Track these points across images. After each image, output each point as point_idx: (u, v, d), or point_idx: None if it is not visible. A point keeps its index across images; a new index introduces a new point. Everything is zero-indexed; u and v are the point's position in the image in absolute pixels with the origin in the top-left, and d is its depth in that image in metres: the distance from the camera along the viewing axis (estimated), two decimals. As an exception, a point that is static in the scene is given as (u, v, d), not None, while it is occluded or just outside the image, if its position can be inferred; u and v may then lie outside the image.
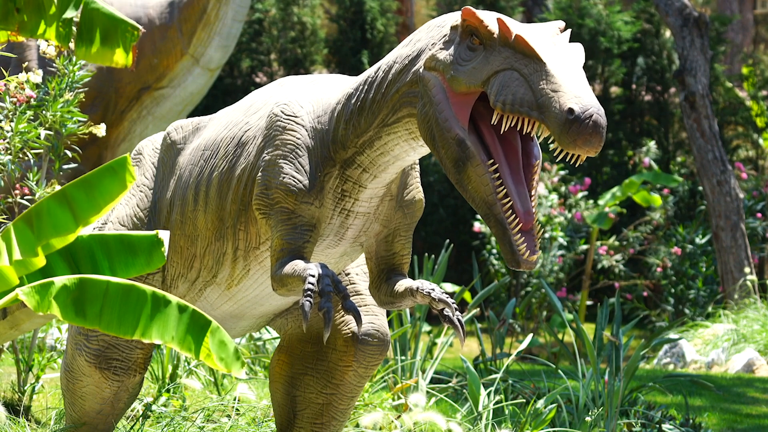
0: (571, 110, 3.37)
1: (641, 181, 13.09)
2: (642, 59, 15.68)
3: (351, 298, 3.84)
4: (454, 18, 3.75)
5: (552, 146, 3.48)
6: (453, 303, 3.95)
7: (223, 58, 9.94)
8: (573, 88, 3.42)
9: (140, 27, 4.35)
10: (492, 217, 3.60)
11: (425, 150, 3.90)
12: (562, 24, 3.70)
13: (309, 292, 3.73)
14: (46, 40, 5.48)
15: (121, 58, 4.36)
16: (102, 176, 3.66)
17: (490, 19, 3.60)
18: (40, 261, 3.62)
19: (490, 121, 3.63)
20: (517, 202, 3.60)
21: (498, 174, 3.60)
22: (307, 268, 3.80)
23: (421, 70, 3.75)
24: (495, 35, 3.57)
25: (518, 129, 3.54)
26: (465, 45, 3.65)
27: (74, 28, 4.34)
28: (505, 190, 3.59)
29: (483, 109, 3.65)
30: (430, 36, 3.79)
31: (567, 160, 3.51)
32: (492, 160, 3.61)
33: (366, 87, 3.92)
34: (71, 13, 4.22)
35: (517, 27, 3.57)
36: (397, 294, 4.08)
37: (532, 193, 3.65)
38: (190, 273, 4.41)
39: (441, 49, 3.71)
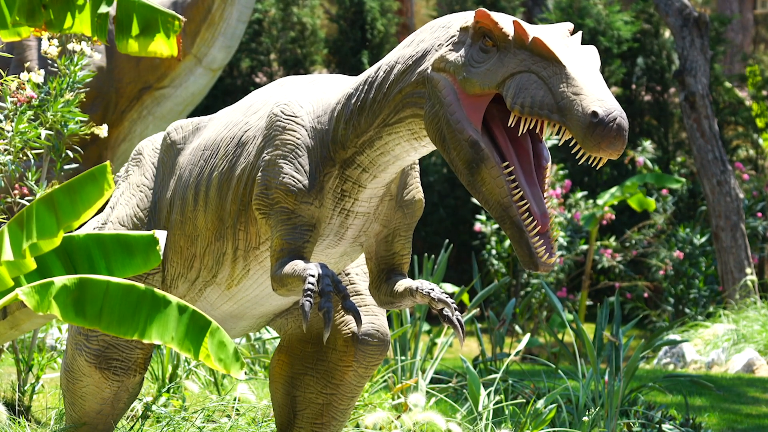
0: (594, 113, 3.36)
1: (642, 182, 13.06)
2: (642, 59, 15.68)
3: (351, 298, 3.84)
4: (463, 19, 3.74)
5: (574, 149, 3.45)
6: (452, 303, 3.95)
7: (226, 58, 9.94)
8: (595, 91, 3.41)
9: (181, 17, 4.31)
10: (508, 220, 3.58)
11: (426, 150, 3.90)
12: (570, 26, 3.69)
13: (309, 292, 3.73)
14: (62, 40, 5.45)
15: (164, 48, 4.32)
16: (84, 182, 3.65)
17: (504, 21, 3.59)
18: (30, 263, 3.62)
19: (501, 123, 3.62)
20: (533, 204, 3.59)
21: (513, 176, 3.59)
22: (307, 268, 3.80)
23: (428, 71, 3.73)
24: (510, 37, 3.56)
25: (533, 131, 3.53)
26: (477, 47, 3.63)
27: (111, 23, 4.31)
28: (521, 192, 3.58)
29: (494, 111, 3.64)
30: (435, 37, 3.78)
31: (589, 162, 3.50)
32: (506, 162, 3.60)
33: (366, 87, 3.92)
34: (105, 8, 4.19)
35: (531, 29, 3.57)
36: (397, 294, 4.08)
37: (545, 195, 3.64)
38: (190, 273, 4.41)
39: (450, 50, 3.69)
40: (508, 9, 15.44)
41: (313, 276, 3.76)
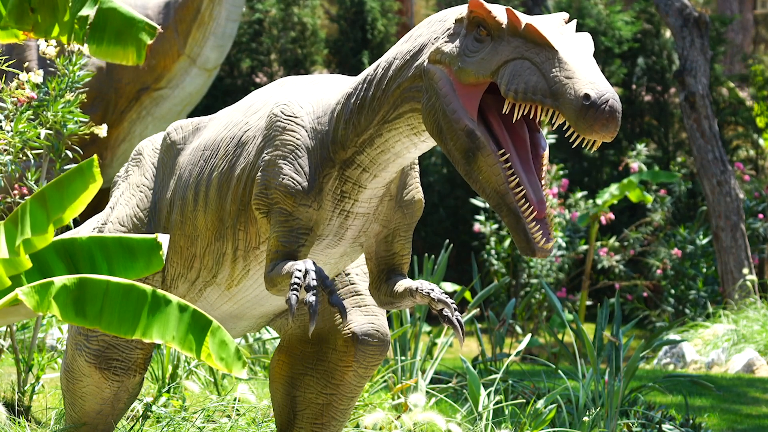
0: (587, 96, 3.39)
1: (639, 180, 13.07)
2: (642, 59, 15.68)
3: (339, 295, 3.85)
4: (458, 11, 3.76)
5: (568, 132, 3.48)
6: (452, 303, 3.96)
7: (219, 58, 9.96)
8: (587, 74, 3.44)
9: (158, 26, 4.33)
10: (504, 207, 3.61)
11: (426, 146, 3.91)
12: (566, 15, 3.71)
13: (295, 286, 3.76)
14: (60, 41, 5.49)
15: (132, 56, 4.35)
16: (72, 177, 3.67)
17: (498, 9, 3.62)
18: (25, 261, 3.62)
19: (497, 111, 3.65)
20: (530, 190, 3.61)
21: (509, 163, 3.61)
22: (294, 264, 3.83)
23: (425, 63, 3.76)
24: (504, 25, 3.59)
25: (530, 117, 3.56)
26: (472, 36, 3.67)
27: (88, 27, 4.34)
28: (517, 179, 3.60)
29: (490, 100, 3.67)
30: (431, 31, 3.80)
31: (583, 145, 3.52)
32: (503, 150, 3.62)
33: (366, 85, 3.93)
34: (87, 11, 4.21)
35: (524, 17, 3.60)
36: (397, 294, 4.08)
37: (543, 183, 3.66)
38: (190, 273, 4.41)
39: (446, 42, 3.72)
40: (507, 9, 15.43)
41: (299, 270, 3.79)
